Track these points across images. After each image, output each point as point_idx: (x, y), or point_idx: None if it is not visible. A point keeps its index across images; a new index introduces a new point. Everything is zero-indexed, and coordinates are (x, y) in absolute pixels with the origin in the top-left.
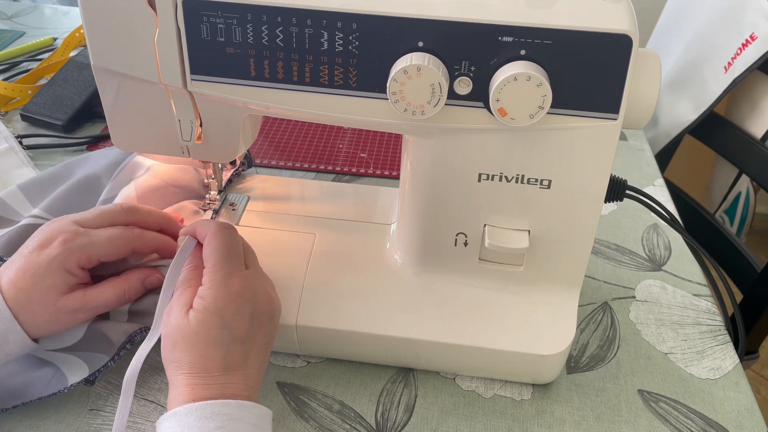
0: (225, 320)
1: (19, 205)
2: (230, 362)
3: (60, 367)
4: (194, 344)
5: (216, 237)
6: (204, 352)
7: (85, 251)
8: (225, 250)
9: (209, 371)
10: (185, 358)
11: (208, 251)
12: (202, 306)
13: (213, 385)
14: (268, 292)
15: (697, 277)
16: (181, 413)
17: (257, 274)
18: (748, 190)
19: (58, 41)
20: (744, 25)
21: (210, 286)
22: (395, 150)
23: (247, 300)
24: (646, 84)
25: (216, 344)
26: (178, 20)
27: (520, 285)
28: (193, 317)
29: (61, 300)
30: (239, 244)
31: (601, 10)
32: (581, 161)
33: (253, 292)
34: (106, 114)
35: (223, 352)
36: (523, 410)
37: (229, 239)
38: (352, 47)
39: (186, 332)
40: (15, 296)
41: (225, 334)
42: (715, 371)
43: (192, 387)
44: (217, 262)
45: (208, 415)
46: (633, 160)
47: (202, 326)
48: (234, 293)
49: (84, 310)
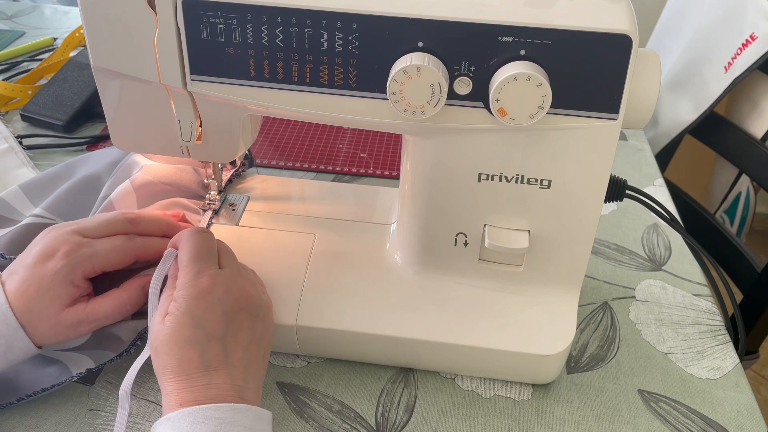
0: (196, 319)
1: (21, 205)
2: (209, 361)
3: (68, 364)
4: (171, 347)
5: (187, 240)
6: (180, 354)
7: (89, 262)
8: (194, 251)
9: (189, 373)
10: (166, 362)
11: (181, 255)
12: (174, 308)
13: (196, 387)
14: (244, 290)
15: (697, 277)
16: (174, 419)
17: (231, 273)
18: (748, 190)
19: (58, 41)
20: (744, 25)
21: (181, 287)
22: (395, 150)
23: (218, 298)
24: (646, 84)
25: (191, 344)
26: (177, 20)
27: (520, 285)
28: (168, 321)
29: (63, 313)
30: (211, 246)
31: (601, 10)
32: (581, 161)
33: (225, 289)
34: (105, 114)
35: (199, 351)
36: (523, 410)
37: (199, 241)
38: (352, 47)
39: (163, 337)
40: (21, 308)
41: (198, 334)
42: (715, 371)
43: (177, 392)
44: (187, 263)
45: (200, 420)
46: (633, 160)
47: (176, 328)
48: (202, 292)
49: (85, 323)
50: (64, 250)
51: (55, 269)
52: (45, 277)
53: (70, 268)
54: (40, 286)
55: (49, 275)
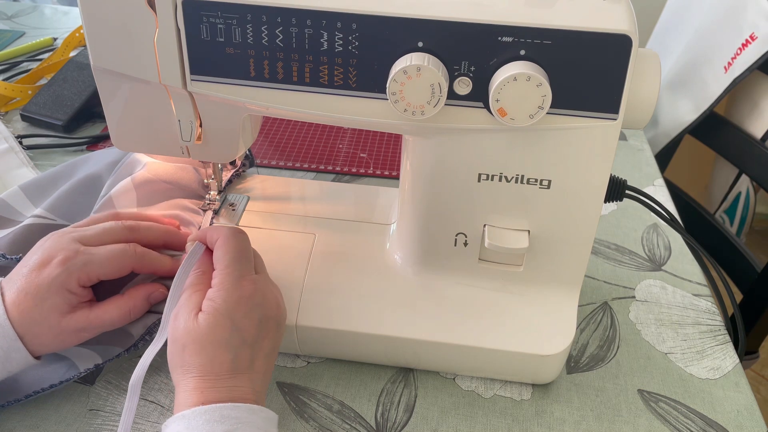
0: (235, 323)
1: (22, 206)
2: (238, 366)
3: (74, 360)
4: (204, 347)
5: (228, 241)
6: (213, 355)
7: (84, 270)
8: (237, 254)
9: (218, 374)
10: (194, 361)
11: (220, 254)
12: (212, 308)
13: (222, 388)
14: (276, 298)
15: (697, 277)
16: (189, 416)
17: (267, 280)
18: (748, 190)
19: (58, 41)
20: (744, 25)
21: (220, 288)
22: (395, 150)
23: (257, 304)
24: (646, 84)
25: (225, 347)
26: (177, 20)
27: (520, 285)
28: (202, 320)
29: (65, 320)
30: (250, 249)
31: (600, 10)
32: (581, 161)
33: (263, 296)
34: (105, 114)
35: (233, 355)
36: (523, 410)
37: (240, 243)
38: (352, 47)
39: (195, 335)
40: (19, 318)
41: (235, 337)
42: (715, 371)
43: (201, 391)
44: (229, 264)
45: (217, 419)
46: (633, 160)
47: (212, 328)
48: (245, 296)
49: (89, 329)
50: (60, 258)
51: (51, 277)
52: (41, 285)
53: (65, 276)
54: (37, 294)
55: (45, 283)
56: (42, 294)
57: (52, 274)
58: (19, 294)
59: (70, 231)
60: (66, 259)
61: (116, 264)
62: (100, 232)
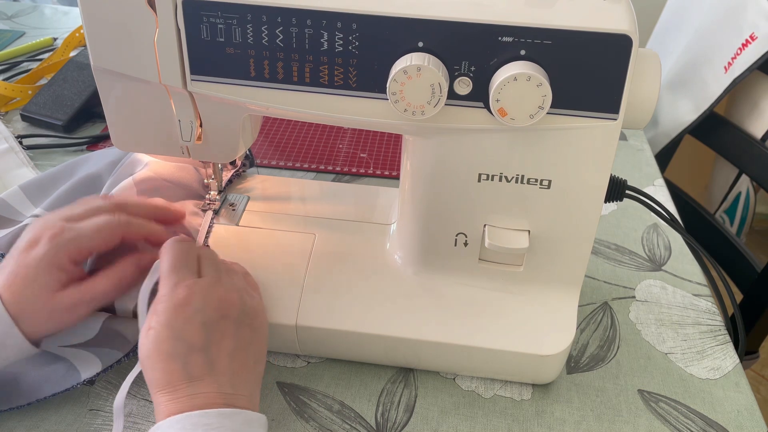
0: (176, 332)
1: (21, 205)
2: (192, 372)
3: (73, 362)
4: (155, 361)
5: (166, 252)
6: (163, 366)
7: (73, 244)
8: (172, 262)
9: (173, 384)
10: (151, 375)
11: (161, 267)
12: (155, 322)
13: (181, 399)
14: (224, 297)
15: (697, 277)
16: (162, 427)
17: (210, 281)
18: (748, 190)
19: (58, 41)
20: (744, 25)
21: (159, 300)
22: (395, 150)
23: (196, 308)
24: (646, 84)
25: (172, 357)
26: (178, 20)
27: (520, 285)
28: (150, 335)
29: (57, 296)
30: (190, 255)
31: (601, 10)
32: (581, 161)
33: (203, 299)
34: (106, 114)
35: (182, 363)
36: (523, 410)
37: (177, 251)
38: (352, 47)
39: (146, 351)
40: (11, 300)
41: (179, 346)
42: (715, 371)
43: (164, 404)
44: (165, 275)
45: (188, 427)
46: (633, 160)
47: (157, 341)
48: (180, 303)
49: (83, 304)
50: (48, 236)
51: (39, 255)
52: (30, 265)
53: (54, 252)
54: (27, 274)
55: (34, 262)
56: (32, 273)
57: (40, 252)
58: (9, 276)
59: (56, 212)
60: (53, 236)
61: (104, 234)
62: (87, 210)
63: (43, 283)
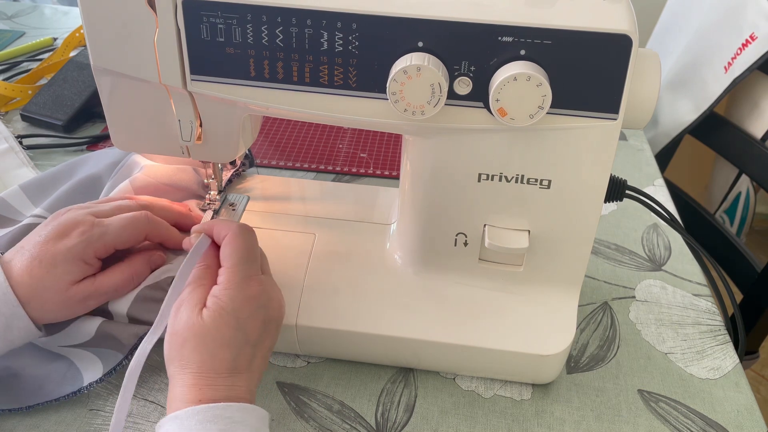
0: (240, 322)
1: (21, 205)
2: (238, 365)
3: (74, 361)
4: (206, 343)
5: (237, 238)
6: (215, 352)
7: (102, 241)
8: (245, 252)
9: (217, 372)
10: (194, 356)
11: (228, 251)
12: (217, 305)
13: (220, 387)
14: (280, 300)
15: (697, 277)
16: (182, 416)
17: (272, 281)
18: (748, 190)
19: (58, 41)
20: (744, 25)
21: (227, 286)
22: (395, 150)
23: (262, 305)
24: (646, 84)
25: (228, 345)
26: (177, 20)
27: (520, 285)
28: (207, 316)
29: (72, 289)
30: (257, 248)
31: (601, 10)
32: (581, 161)
33: (268, 297)
34: (105, 114)
35: (234, 354)
36: (523, 410)
37: (249, 242)
38: (352, 47)
39: (198, 330)
40: (28, 283)
41: (238, 336)
42: (715, 371)
43: (199, 387)
44: (237, 263)
45: (209, 419)
46: (633, 160)
47: (216, 326)
48: (251, 296)
49: (95, 296)
50: (80, 230)
51: (68, 247)
52: (58, 253)
53: (83, 246)
54: (51, 262)
55: (62, 251)
56: (58, 261)
57: (69, 243)
58: (32, 261)
59: (85, 206)
60: (84, 231)
61: (130, 231)
62: (114, 208)
63: (65, 272)
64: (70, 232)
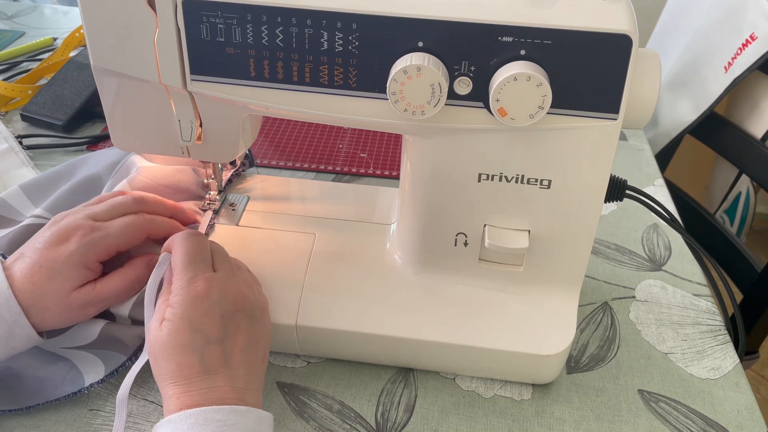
0: (193, 324)
1: (21, 205)
2: (209, 365)
3: (75, 362)
4: (170, 353)
5: (180, 244)
6: (179, 359)
7: (102, 244)
8: (188, 256)
9: (189, 377)
10: (165, 368)
11: (174, 259)
12: (171, 314)
13: (196, 392)
14: (240, 291)
15: (697, 277)
16: (175, 420)
17: (226, 275)
18: (748, 190)
19: (58, 41)
20: (744, 25)
21: (175, 293)
22: (395, 150)
23: (215, 301)
24: (646, 84)
25: (189, 349)
26: (177, 20)
27: (520, 285)
28: (165, 327)
29: (72, 295)
30: (205, 248)
31: (601, 10)
32: (581, 161)
33: (221, 292)
34: (105, 114)
35: (199, 356)
36: (523, 410)
37: (192, 244)
38: (352, 47)
39: (161, 344)
40: (29, 290)
41: (197, 338)
42: (715, 371)
43: (177, 397)
44: (181, 268)
45: (201, 422)
46: (633, 160)
47: (173, 334)
48: (198, 296)
49: (95, 303)
50: (80, 234)
51: (69, 251)
52: (58, 259)
53: (84, 251)
54: (52, 267)
55: (63, 257)
56: (58, 267)
57: (70, 248)
58: (33, 267)
59: (82, 209)
60: (84, 236)
61: (130, 233)
62: (110, 208)
63: (66, 278)
64: (69, 237)
